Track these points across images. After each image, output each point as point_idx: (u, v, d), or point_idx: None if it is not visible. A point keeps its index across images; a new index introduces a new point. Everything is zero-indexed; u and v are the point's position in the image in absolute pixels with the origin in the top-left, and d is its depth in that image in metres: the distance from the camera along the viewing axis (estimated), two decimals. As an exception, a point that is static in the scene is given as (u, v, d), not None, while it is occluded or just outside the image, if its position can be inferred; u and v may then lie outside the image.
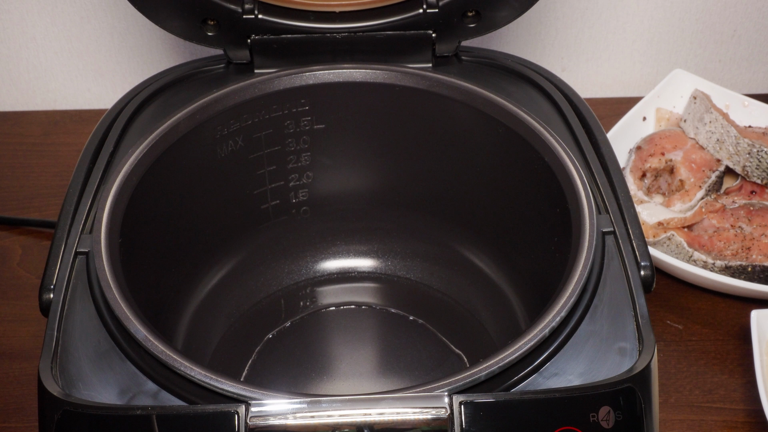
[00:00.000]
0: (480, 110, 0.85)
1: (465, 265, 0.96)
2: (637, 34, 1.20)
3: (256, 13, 0.88)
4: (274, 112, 0.88)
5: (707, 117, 1.06)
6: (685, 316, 0.97)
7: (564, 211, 0.77)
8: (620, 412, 0.62)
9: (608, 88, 1.25)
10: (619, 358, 0.67)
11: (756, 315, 0.87)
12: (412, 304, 0.96)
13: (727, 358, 0.93)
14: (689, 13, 1.18)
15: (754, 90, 1.24)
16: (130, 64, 1.20)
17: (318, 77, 0.88)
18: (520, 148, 0.83)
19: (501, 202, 0.90)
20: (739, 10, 1.18)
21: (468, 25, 0.90)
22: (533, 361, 0.66)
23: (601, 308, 0.70)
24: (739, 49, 1.22)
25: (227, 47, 0.91)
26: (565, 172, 0.78)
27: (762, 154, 1.02)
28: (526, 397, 0.62)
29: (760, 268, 0.95)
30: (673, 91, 1.13)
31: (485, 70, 0.93)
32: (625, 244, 0.74)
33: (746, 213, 0.99)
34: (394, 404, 0.61)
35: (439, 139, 0.90)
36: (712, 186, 1.04)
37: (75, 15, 1.15)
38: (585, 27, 1.19)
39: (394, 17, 0.89)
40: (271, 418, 0.60)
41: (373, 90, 0.88)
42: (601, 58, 1.22)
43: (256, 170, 0.91)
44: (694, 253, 0.97)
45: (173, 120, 0.82)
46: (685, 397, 0.89)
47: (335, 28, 0.90)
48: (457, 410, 0.61)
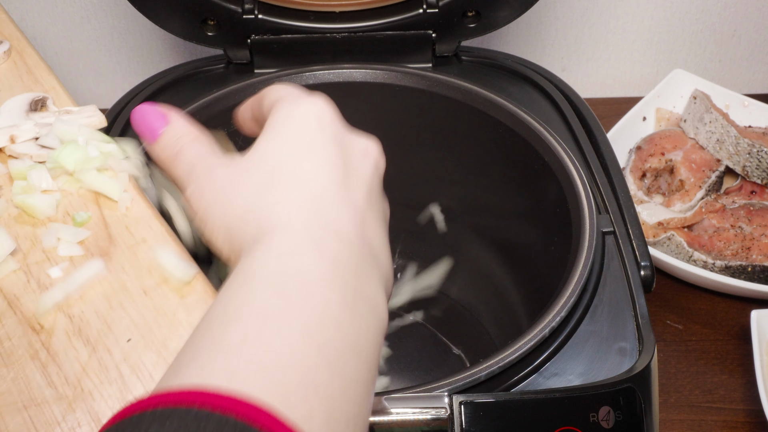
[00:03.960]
0: (480, 110, 0.85)
1: (465, 264, 0.96)
2: (637, 34, 1.20)
3: (256, 13, 0.88)
4: (274, 112, 0.88)
5: (707, 117, 1.06)
6: (685, 316, 0.96)
7: (564, 211, 0.77)
8: (620, 412, 0.62)
9: (608, 88, 1.25)
10: (619, 358, 0.67)
11: (756, 315, 0.87)
12: (412, 304, 0.96)
13: (727, 358, 0.93)
14: (689, 13, 1.18)
15: (754, 90, 1.24)
16: (130, 64, 1.20)
17: (318, 77, 0.88)
18: (520, 148, 0.83)
19: (501, 201, 0.90)
20: (739, 10, 1.18)
21: (468, 25, 0.90)
22: (533, 361, 0.66)
23: (601, 308, 0.70)
24: (739, 49, 1.22)
25: (227, 47, 0.91)
26: (565, 172, 0.78)
27: (762, 154, 1.02)
28: (526, 397, 0.62)
29: (760, 268, 0.95)
30: (673, 91, 1.13)
31: (485, 70, 0.93)
32: (625, 244, 0.75)
33: (746, 213, 0.99)
34: (394, 404, 0.61)
35: (439, 139, 0.90)
36: (712, 186, 1.04)
37: (75, 15, 1.15)
38: (585, 27, 1.19)
39: (394, 17, 0.89)
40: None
41: (373, 90, 0.88)
42: (601, 58, 1.22)
43: (256, 170, 0.91)
44: (694, 253, 0.97)
45: (173, 120, 0.82)
46: (685, 397, 0.89)
47: (335, 28, 0.90)
48: (457, 410, 0.61)
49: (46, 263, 0.56)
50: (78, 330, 0.53)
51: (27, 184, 0.60)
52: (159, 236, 0.58)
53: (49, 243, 0.57)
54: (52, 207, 0.59)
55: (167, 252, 0.56)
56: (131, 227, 0.59)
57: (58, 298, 0.54)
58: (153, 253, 0.56)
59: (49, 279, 0.55)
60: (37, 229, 0.59)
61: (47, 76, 0.72)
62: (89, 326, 0.53)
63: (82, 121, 0.65)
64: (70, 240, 0.57)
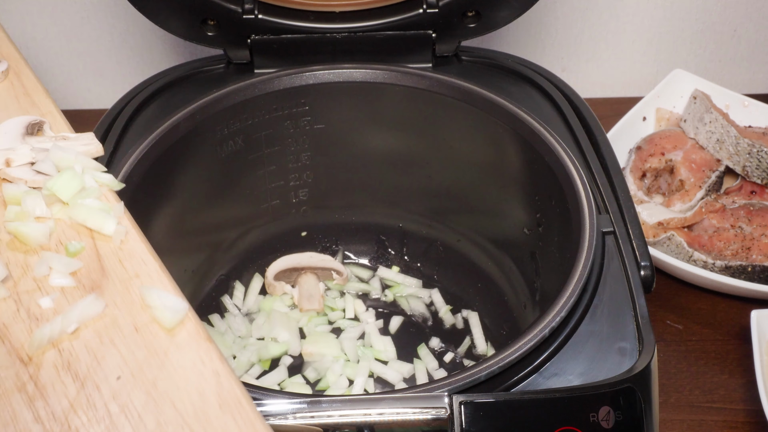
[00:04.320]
0: (480, 110, 0.85)
1: (465, 264, 0.96)
2: (637, 34, 1.20)
3: (256, 13, 0.88)
4: (274, 112, 0.88)
5: (707, 117, 1.06)
6: (685, 316, 0.96)
7: (564, 211, 0.77)
8: (620, 412, 0.62)
9: (608, 88, 1.25)
10: (619, 358, 0.67)
11: (756, 315, 0.87)
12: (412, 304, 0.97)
13: (727, 358, 0.93)
14: (689, 13, 1.18)
15: (754, 90, 1.24)
16: (130, 64, 1.20)
17: (318, 77, 0.88)
18: (521, 148, 0.83)
19: (501, 201, 0.90)
20: (739, 10, 1.18)
21: (468, 25, 0.90)
22: (533, 361, 0.66)
23: (601, 308, 0.70)
24: (739, 49, 1.22)
25: (227, 47, 0.91)
26: (565, 172, 0.78)
27: (762, 154, 1.02)
28: (526, 397, 0.62)
29: (760, 268, 0.95)
30: (673, 91, 1.13)
31: (485, 70, 0.93)
32: (625, 244, 0.75)
33: (746, 213, 0.99)
34: (394, 404, 0.61)
35: (439, 139, 0.90)
36: (712, 186, 1.04)
37: (75, 15, 1.15)
38: (585, 27, 1.19)
39: (394, 17, 0.89)
40: (271, 418, 0.60)
41: (373, 90, 0.88)
42: (601, 58, 1.22)
43: (257, 170, 0.91)
44: (694, 253, 0.97)
45: (173, 120, 0.82)
46: (685, 397, 0.89)
47: (335, 28, 0.90)
48: (457, 410, 0.61)
49: (37, 292, 0.55)
50: (67, 364, 0.51)
51: (21, 210, 0.60)
52: (152, 272, 0.57)
53: (40, 272, 0.56)
54: (45, 235, 0.59)
55: (157, 291, 0.55)
56: (125, 261, 0.58)
57: (54, 334, 0.52)
58: (143, 291, 0.55)
59: (40, 309, 0.54)
60: (28, 257, 0.58)
61: (44, 99, 0.71)
62: (78, 361, 0.51)
63: (78, 148, 0.65)
64: (63, 270, 0.56)
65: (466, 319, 0.94)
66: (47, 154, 0.63)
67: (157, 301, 0.54)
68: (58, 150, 0.63)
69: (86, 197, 0.61)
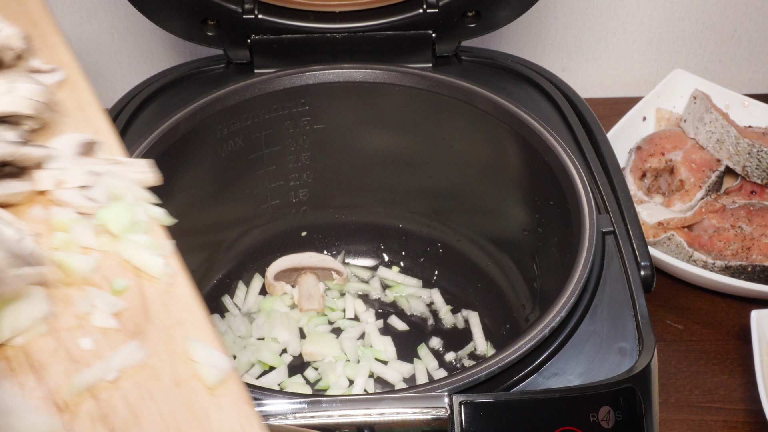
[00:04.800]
0: (480, 110, 0.85)
1: (465, 264, 0.96)
2: (637, 34, 1.20)
3: (256, 13, 0.88)
4: (274, 112, 0.88)
5: (707, 117, 1.06)
6: (685, 316, 0.96)
7: (564, 211, 0.77)
8: (620, 412, 0.62)
9: (608, 88, 1.25)
10: (619, 358, 0.67)
11: (756, 315, 0.87)
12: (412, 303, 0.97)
13: (727, 358, 0.93)
14: (689, 13, 1.18)
15: (754, 90, 1.24)
16: (130, 64, 1.20)
17: (318, 77, 0.88)
18: (521, 148, 0.83)
19: (501, 201, 0.90)
20: (739, 10, 1.18)
21: (468, 25, 0.90)
22: (533, 361, 0.66)
23: (601, 308, 0.70)
24: (739, 49, 1.22)
25: (227, 47, 0.91)
26: (565, 172, 0.78)
27: (762, 154, 1.02)
28: (526, 397, 0.62)
29: (760, 268, 0.95)
30: (673, 91, 1.13)
31: (485, 70, 0.93)
32: (625, 244, 0.75)
33: (746, 213, 0.99)
34: (394, 404, 0.61)
35: (439, 139, 0.90)
36: (712, 186, 1.04)
37: (75, 15, 1.15)
38: (585, 27, 1.19)
39: (394, 17, 0.89)
40: (271, 418, 0.60)
41: (373, 90, 0.88)
42: (601, 58, 1.22)
43: (257, 170, 0.91)
44: (694, 253, 0.97)
45: (173, 120, 0.82)
46: (685, 397, 0.89)
47: (335, 28, 0.90)
48: (457, 410, 0.61)
49: (78, 331, 0.51)
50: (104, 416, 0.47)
51: (68, 238, 0.55)
52: (198, 322, 0.52)
53: (83, 309, 0.52)
54: (90, 269, 0.54)
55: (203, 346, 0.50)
56: (170, 306, 0.52)
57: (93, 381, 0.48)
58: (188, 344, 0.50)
59: (79, 350, 0.50)
60: (70, 289, 0.53)
61: (99, 116, 0.64)
62: (116, 414, 0.47)
63: (132, 176, 0.59)
64: (107, 310, 0.52)
65: (466, 319, 0.94)
66: (100, 179, 0.57)
67: (203, 356, 0.50)
68: (112, 177, 0.57)
69: (136, 231, 0.56)
